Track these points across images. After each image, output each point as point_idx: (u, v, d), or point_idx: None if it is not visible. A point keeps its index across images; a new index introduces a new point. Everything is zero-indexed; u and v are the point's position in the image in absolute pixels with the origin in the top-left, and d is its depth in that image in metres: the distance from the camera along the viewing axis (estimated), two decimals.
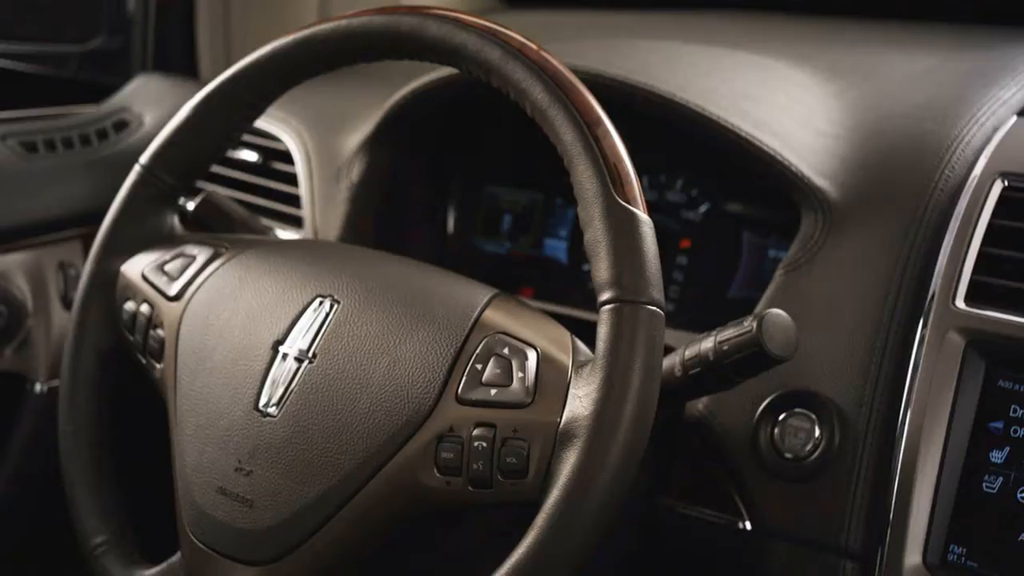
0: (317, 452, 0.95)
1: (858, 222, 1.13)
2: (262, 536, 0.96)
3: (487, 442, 0.90)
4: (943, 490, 1.02)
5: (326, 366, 0.98)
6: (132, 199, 1.14)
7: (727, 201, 1.33)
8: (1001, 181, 1.07)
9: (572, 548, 0.86)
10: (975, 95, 1.21)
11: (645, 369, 0.87)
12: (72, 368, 1.13)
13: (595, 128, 0.91)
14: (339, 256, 1.09)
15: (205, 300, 1.08)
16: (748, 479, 1.10)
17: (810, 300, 1.11)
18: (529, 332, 0.95)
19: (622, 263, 0.88)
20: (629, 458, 0.86)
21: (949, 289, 1.04)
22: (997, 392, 1.01)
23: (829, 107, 1.23)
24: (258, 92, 1.10)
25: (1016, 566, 0.97)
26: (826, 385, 1.09)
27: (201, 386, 1.03)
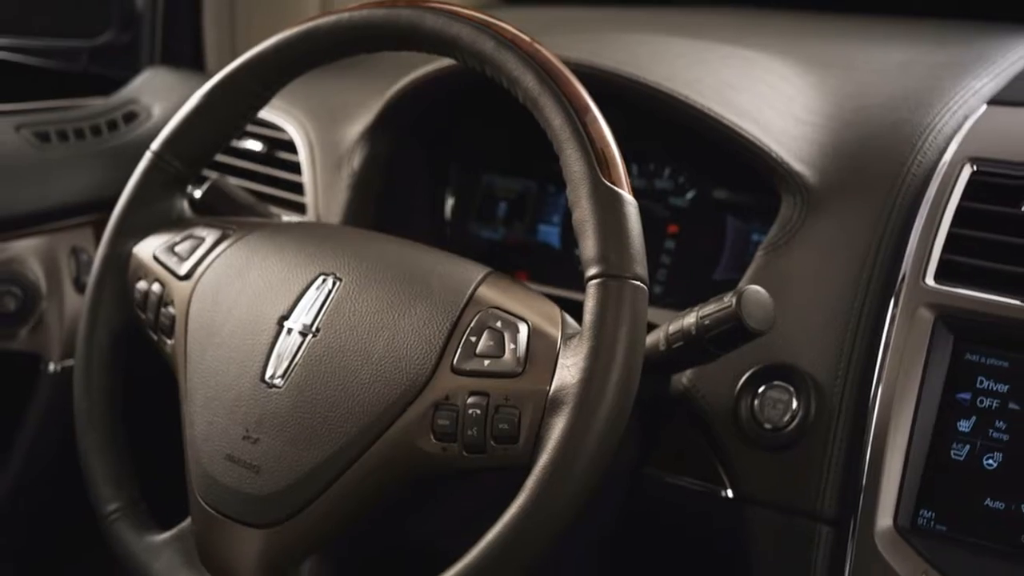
0: (320, 420, 0.99)
1: (834, 205, 1.16)
2: (268, 500, 1.00)
3: (481, 409, 0.94)
4: (913, 457, 1.04)
5: (329, 340, 1.01)
6: (144, 184, 1.17)
7: (713, 188, 1.36)
8: (970, 166, 1.10)
9: (560, 508, 0.89)
10: (949, 85, 1.24)
11: (629, 340, 0.90)
12: (86, 345, 1.17)
13: (583, 114, 0.95)
14: (341, 237, 1.13)
15: (214, 279, 1.11)
16: (729, 449, 1.13)
17: (788, 279, 1.14)
18: (520, 307, 0.98)
19: (608, 240, 0.92)
20: (614, 423, 0.90)
21: (920, 268, 1.07)
22: (964, 365, 1.04)
23: (808, 97, 1.27)
24: (264, 82, 1.13)
25: (982, 528, 1.00)
26: (803, 359, 1.12)
27: (210, 360, 1.07)
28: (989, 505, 1.01)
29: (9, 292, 1.48)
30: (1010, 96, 1.20)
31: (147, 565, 1.09)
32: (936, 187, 1.10)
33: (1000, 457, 1.01)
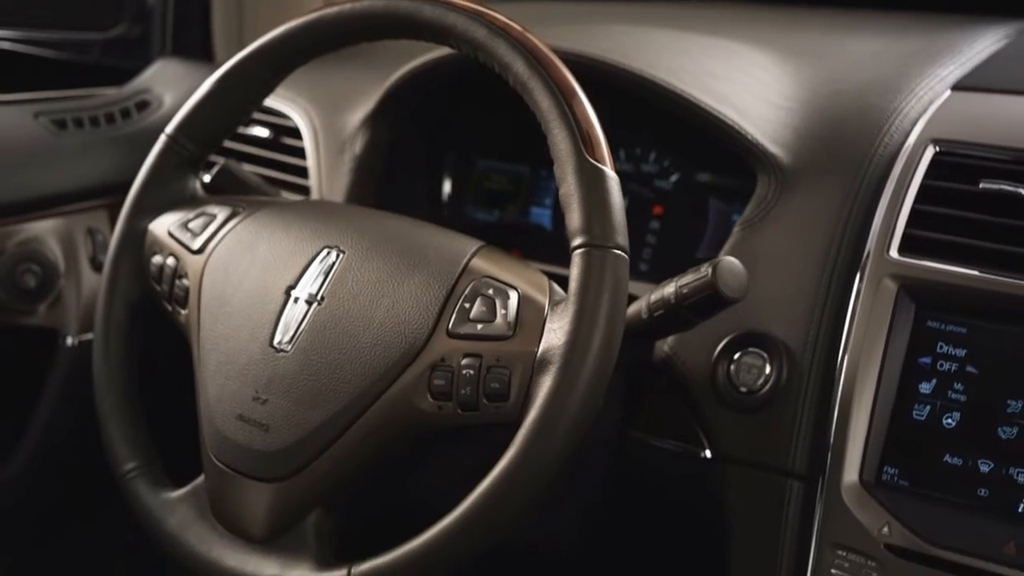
0: (325, 382, 1.03)
1: (806, 184, 1.20)
2: (277, 456, 1.04)
3: (474, 370, 0.99)
4: (877, 418, 1.08)
5: (333, 307, 1.06)
6: (159, 165, 1.22)
7: (695, 172, 1.41)
8: (933, 147, 1.14)
9: (547, 460, 0.93)
10: (916, 73, 1.29)
11: (611, 304, 0.95)
12: (105, 316, 1.21)
13: (570, 98, 0.99)
14: (344, 213, 1.18)
15: (225, 252, 1.16)
16: (708, 412, 1.17)
17: (763, 253, 1.18)
18: (511, 276, 1.03)
19: (592, 213, 0.97)
20: (598, 382, 0.95)
21: (884, 241, 1.11)
22: (925, 331, 1.08)
23: (784, 84, 1.31)
24: (272, 69, 1.18)
25: (942, 483, 1.05)
26: (776, 327, 1.15)
27: (222, 328, 1.12)
28: (948, 461, 1.05)
29: (29, 270, 1.50)
30: (972, 82, 1.24)
31: (162, 520, 1.13)
32: (901, 167, 1.14)
33: (958, 416, 1.05)
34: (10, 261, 1.50)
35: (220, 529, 1.09)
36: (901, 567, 1.03)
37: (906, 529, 1.04)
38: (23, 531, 1.58)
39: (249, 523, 1.07)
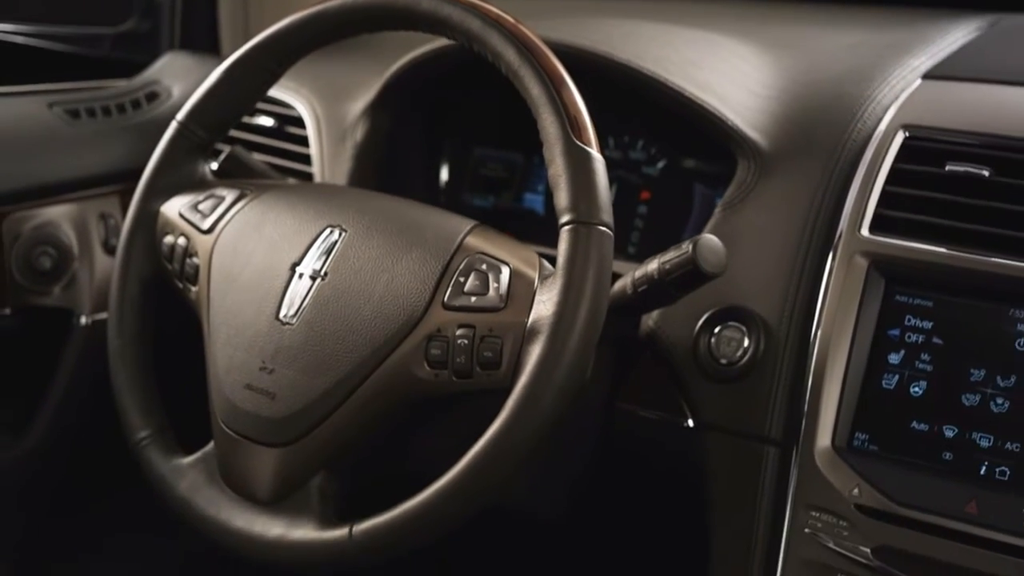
0: (328, 352, 1.07)
1: (783, 168, 1.24)
2: (283, 422, 1.08)
3: (468, 340, 1.03)
4: (849, 387, 1.12)
5: (335, 282, 1.10)
6: (170, 150, 1.26)
7: (681, 159, 1.45)
8: (903, 132, 1.18)
9: (537, 424, 0.98)
10: (890, 63, 1.32)
11: (597, 277, 0.99)
12: (119, 293, 1.25)
13: (559, 85, 1.03)
14: (345, 194, 1.22)
15: (233, 232, 1.20)
16: (690, 383, 1.20)
17: (742, 232, 1.22)
18: (503, 252, 1.07)
19: (579, 192, 1.01)
20: (584, 349, 0.99)
21: (856, 220, 1.15)
22: (894, 305, 1.12)
23: (764, 73, 1.35)
24: (278, 59, 1.22)
25: (909, 448, 1.08)
26: (754, 302, 1.19)
27: (231, 303, 1.15)
28: (915, 427, 1.09)
29: (45, 252, 1.52)
30: (942, 72, 1.28)
31: (174, 485, 1.17)
32: (872, 151, 1.18)
33: (924, 385, 1.09)
34: (27, 244, 1.52)
35: (229, 492, 1.13)
36: (870, 526, 1.07)
37: (875, 490, 1.07)
38: (39, 504, 1.61)
39: (256, 486, 1.11)
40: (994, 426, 1.06)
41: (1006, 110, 1.18)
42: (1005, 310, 1.08)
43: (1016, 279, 1.07)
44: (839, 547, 1.09)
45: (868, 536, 1.08)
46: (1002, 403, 1.06)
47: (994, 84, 1.23)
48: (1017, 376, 1.06)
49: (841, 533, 1.09)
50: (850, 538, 1.09)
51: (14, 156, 1.54)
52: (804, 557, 1.12)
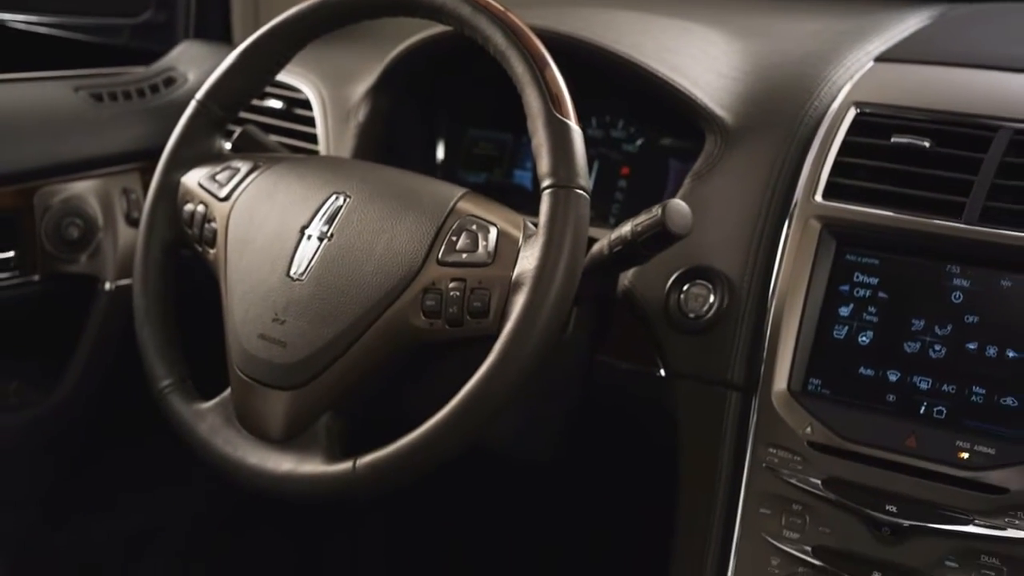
0: (334, 305, 1.14)
1: (747, 141, 1.30)
2: (293, 368, 1.16)
3: (459, 292, 1.10)
4: (803, 337, 1.18)
5: (340, 242, 1.17)
6: (190, 126, 1.32)
7: (658, 137, 1.50)
8: (854, 109, 1.24)
9: (521, 364, 1.05)
10: (846, 48, 1.38)
11: (574, 235, 1.06)
12: (144, 256, 1.31)
13: (541, 65, 1.11)
14: (349, 165, 1.29)
15: (248, 199, 1.26)
16: (662, 335, 1.26)
17: (709, 199, 1.28)
18: (491, 215, 1.14)
19: (558, 159, 1.08)
20: (563, 298, 1.06)
21: (811, 188, 1.21)
22: (844, 263, 1.18)
23: (732, 57, 1.40)
24: (287, 43, 1.29)
25: (857, 391, 1.15)
26: (719, 261, 1.25)
27: (246, 263, 1.22)
28: (862, 372, 1.15)
29: (72, 224, 1.58)
30: (892, 55, 1.34)
31: (194, 427, 1.23)
32: (827, 125, 1.25)
33: (871, 335, 1.16)
34: (56, 216, 1.57)
35: (244, 432, 1.20)
36: (821, 460, 1.14)
37: (826, 428, 1.14)
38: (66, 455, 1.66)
39: (269, 426, 1.18)
40: (932, 370, 1.13)
41: (947, 89, 1.25)
42: (942, 267, 1.15)
43: (952, 239, 1.14)
44: (794, 480, 1.16)
45: (819, 469, 1.15)
46: (939, 349, 1.13)
47: (938, 66, 1.30)
48: (953, 325, 1.13)
49: (795, 467, 1.16)
50: (803, 471, 1.16)
51: (44, 136, 1.59)
52: (763, 490, 1.18)
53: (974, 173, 1.16)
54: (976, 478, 1.09)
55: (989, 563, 1.09)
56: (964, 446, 1.10)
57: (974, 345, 1.13)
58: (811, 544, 1.16)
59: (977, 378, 1.12)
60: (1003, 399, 1.11)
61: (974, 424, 1.11)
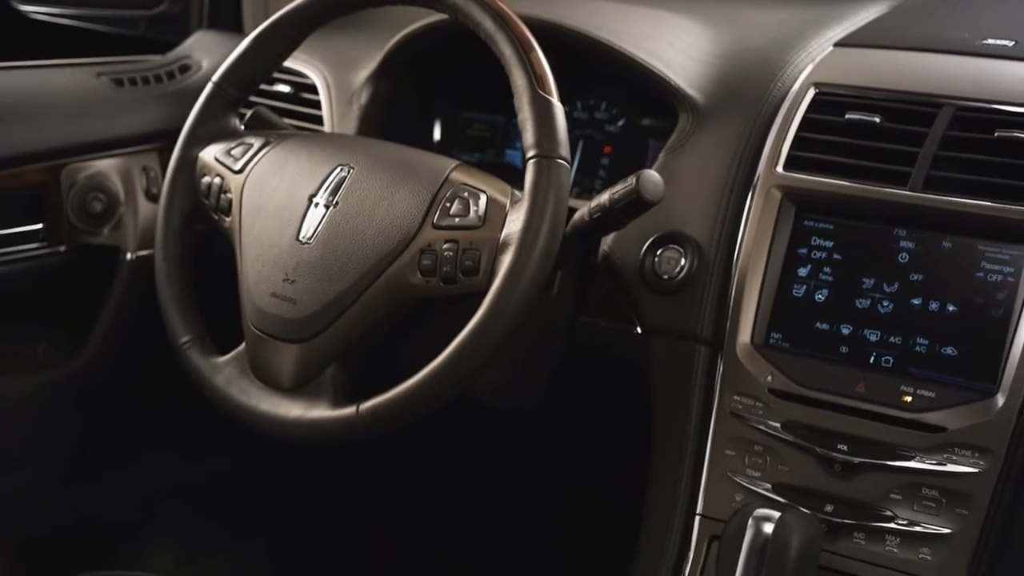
0: (339, 265, 1.22)
1: (716, 119, 1.37)
2: (302, 322, 1.23)
3: (453, 252, 1.18)
4: (765, 295, 1.25)
5: (345, 209, 1.24)
6: (207, 106, 1.39)
7: (638, 118, 1.57)
8: (814, 89, 1.31)
9: (507, 318, 1.13)
10: (809, 35, 1.45)
11: (556, 200, 1.14)
12: (164, 224, 1.38)
13: (527, 48, 1.18)
14: (353, 141, 1.36)
15: (260, 171, 1.33)
16: (638, 296, 1.33)
17: (682, 171, 1.35)
18: (481, 183, 1.22)
19: (541, 132, 1.15)
20: (546, 258, 1.14)
21: (773, 160, 1.28)
22: (803, 228, 1.26)
23: (704, 43, 1.47)
24: (296, 29, 1.36)
25: (813, 343, 1.23)
26: (690, 227, 1.31)
27: (259, 229, 1.30)
28: (818, 326, 1.23)
29: (96, 198, 1.64)
30: (850, 41, 1.41)
31: (211, 378, 1.31)
32: (788, 104, 1.32)
33: (826, 293, 1.23)
34: (81, 191, 1.64)
35: (257, 382, 1.28)
36: (780, 405, 1.23)
37: (785, 377, 1.22)
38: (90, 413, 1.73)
39: (280, 376, 1.25)
40: (881, 324, 1.21)
41: (898, 70, 1.33)
42: (890, 230, 1.23)
43: (899, 205, 1.22)
44: (756, 424, 1.24)
45: (779, 414, 1.23)
46: (887, 305, 1.22)
47: (890, 50, 1.38)
48: (899, 283, 1.21)
49: (757, 412, 1.24)
50: (764, 416, 1.24)
51: (69, 117, 1.66)
52: (729, 433, 1.26)
53: (919, 146, 1.24)
54: (918, 419, 1.17)
55: (929, 495, 1.17)
56: (908, 391, 1.18)
57: (918, 301, 1.21)
58: (771, 481, 1.24)
59: (921, 330, 1.20)
60: (943, 349, 1.19)
61: (917, 371, 1.19)
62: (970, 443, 1.15)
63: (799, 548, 1.10)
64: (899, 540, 1.18)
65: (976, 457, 1.15)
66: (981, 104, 1.25)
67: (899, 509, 1.18)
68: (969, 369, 1.18)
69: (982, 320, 1.18)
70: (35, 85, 1.68)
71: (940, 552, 1.17)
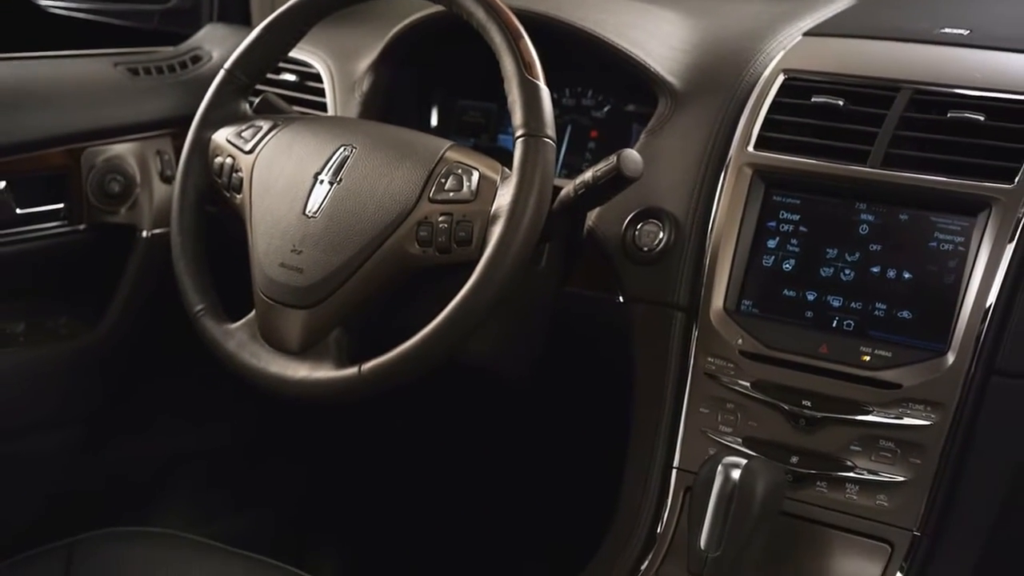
0: (343, 237, 1.28)
1: (692, 103, 1.42)
2: (308, 290, 1.29)
3: (447, 224, 1.24)
4: (737, 265, 1.31)
5: (348, 185, 1.30)
6: (219, 91, 1.45)
7: (622, 104, 1.63)
8: (783, 75, 1.38)
9: (497, 284, 1.19)
10: (780, 25, 1.51)
11: (542, 176, 1.20)
12: (180, 201, 1.44)
13: (516, 36, 1.25)
14: (355, 123, 1.43)
15: (269, 152, 1.39)
16: (619, 266, 1.38)
17: (660, 152, 1.41)
18: (474, 161, 1.28)
19: (529, 113, 1.22)
20: (533, 229, 1.20)
21: (745, 140, 1.35)
22: (772, 203, 1.32)
23: (682, 33, 1.53)
24: (303, 20, 1.42)
25: (781, 309, 1.30)
26: (667, 203, 1.37)
27: (268, 204, 1.35)
28: (786, 293, 1.30)
29: (114, 179, 1.70)
30: (818, 30, 1.48)
31: (224, 343, 1.37)
32: (759, 89, 1.39)
33: (793, 262, 1.30)
34: (100, 173, 1.70)
35: (267, 346, 1.34)
36: (750, 366, 1.30)
37: (755, 340, 1.30)
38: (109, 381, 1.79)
39: (288, 340, 1.31)
40: (843, 290, 1.29)
41: (860, 57, 1.40)
42: (852, 204, 1.30)
43: (860, 180, 1.29)
44: (728, 383, 1.32)
45: (749, 373, 1.30)
46: (849, 273, 1.29)
47: (855, 39, 1.45)
48: (860, 253, 1.29)
49: (729, 373, 1.31)
50: (736, 376, 1.31)
51: (89, 104, 1.72)
52: (703, 393, 1.34)
53: (878, 126, 1.31)
54: (876, 376, 1.25)
55: (886, 446, 1.24)
56: (867, 351, 1.26)
57: (877, 269, 1.28)
58: (742, 436, 1.32)
59: (879, 296, 1.28)
60: (900, 312, 1.26)
61: (876, 334, 1.27)
62: (923, 398, 1.22)
63: (763, 492, 1.17)
64: (858, 488, 1.25)
65: (928, 411, 1.22)
66: (936, 88, 1.32)
67: (858, 460, 1.26)
68: (923, 330, 1.25)
69: (935, 286, 1.25)
70: (57, 74, 1.73)
71: (896, 498, 1.24)
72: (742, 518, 1.16)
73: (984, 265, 1.22)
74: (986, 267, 1.22)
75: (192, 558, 1.37)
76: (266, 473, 2.08)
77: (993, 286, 1.22)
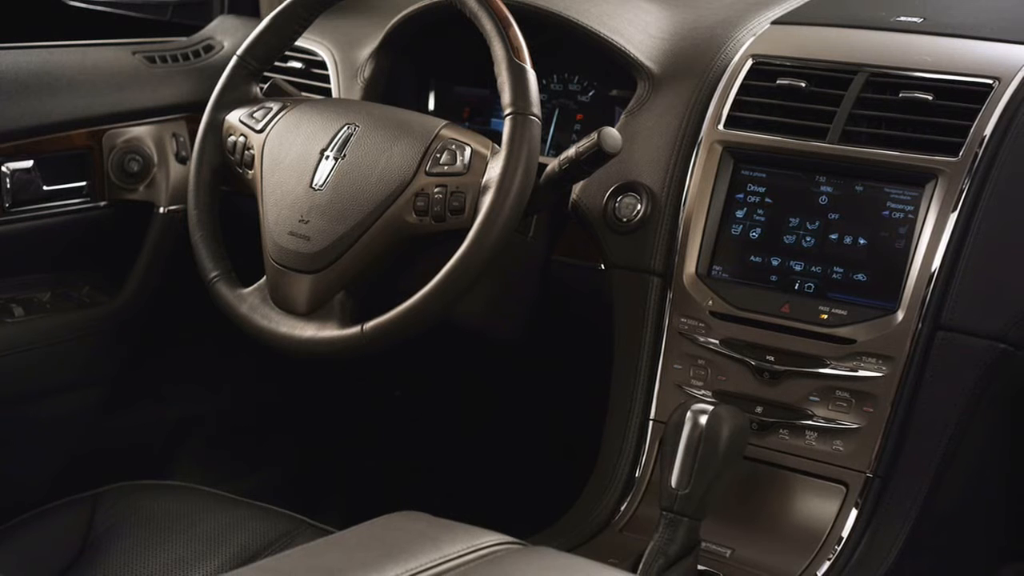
0: (346, 207, 1.36)
1: (668, 86, 1.51)
2: (315, 256, 1.37)
3: (442, 195, 1.32)
4: (708, 234, 1.40)
5: (351, 160, 1.39)
6: (232, 76, 1.53)
7: (606, 89, 1.71)
8: (751, 60, 1.47)
9: (488, 248, 1.27)
10: (752, 15, 1.59)
11: (529, 150, 1.29)
12: (196, 177, 1.52)
13: (505, 24, 1.33)
14: (358, 104, 1.51)
15: (279, 131, 1.47)
16: (601, 236, 1.47)
17: (639, 130, 1.49)
18: (466, 138, 1.36)
19: (517, 93, 1.30)
20: (520, 199, 1.28)
21: (716, 120, 1.43)
22: (740, 177, 1.41)
23: (660, 22, 1.61)
24: (309, 9, 1.50)
25: (748, 273, 1.39)
26: (645, 177, 1.46)
27: (277, 178, 1.44)
28: (752, 259, 1.39)
29: (133, 159, 1.77)
30: (785, 19, 1.56)
31: (237, 307, 1.45)
32: (729, 73, 1.47)
33: (760, 231, 1.39)
34: (120, 153, 1.77)
35: (276, 308, 1.42)
36: (720, 325, 1.39)
37: (724, 302, 1.39)
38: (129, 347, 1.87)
39: (296, 303, 1.40)
40: (804, 256, 1.38)
41: (822, 43, 1.49)
42: (813, 177, 1.39)
43: (820, 155, 1.38)
44: (700, 341, 1.41)
45: (718, 332, 1.39)
46: (810, 240, 1.38)
47: (818, 26, 1.53)
48: (820, 222, 1.38)
49: (701, 331, 1.40)
50: (706, 334, 1.40)
51: (110, 90, 1.79)
52: (677, 350, 1.43)
53: (837, 105, 1.40)
54: (832, 332, 1.34)
55: (842, 396, 1.34)
56: (825, 310, 1.35)
57: (835, 236, 1.37)
58: (712, 389, 1.41)
59: (837, 260, 1.37)
60: (855, 275, 1.36)
61: (834, 295, 1.36)
62: (875, 352, 1.32)
63: (729, 435, 1.26)
64: (816, 435, 1.35)
65: (880, 364, 1.31)
66: (890, 70, 1.41)
67: (817, 409, 1.35)
68: (876, 291, 1.34)
69: (887, 251, 1.34)
70: (80, 62, 1.80)
71: (850, 444, 1.33)
72: (709, 459, 1.25)
73: (931, 231, 1.31)
74: (932, 233, 1.31)
75: (206, 507, 1.45)
76: (274, 433, 2.15)
77: (938, 251, 1.30)
